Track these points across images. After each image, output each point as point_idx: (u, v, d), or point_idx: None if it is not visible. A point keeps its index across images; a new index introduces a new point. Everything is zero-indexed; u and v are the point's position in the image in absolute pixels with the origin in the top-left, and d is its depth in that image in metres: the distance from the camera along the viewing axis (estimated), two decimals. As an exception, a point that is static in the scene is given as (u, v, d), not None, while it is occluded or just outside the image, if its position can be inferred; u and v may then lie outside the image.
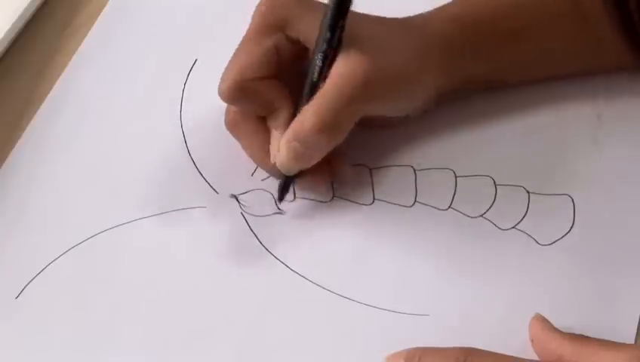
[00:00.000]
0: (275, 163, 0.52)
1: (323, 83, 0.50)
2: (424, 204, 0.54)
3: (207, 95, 0.56)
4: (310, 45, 0.51)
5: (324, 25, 0.50)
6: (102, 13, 0.66)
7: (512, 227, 0.52)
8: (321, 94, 0.50)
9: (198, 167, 0.56)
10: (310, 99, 0.50)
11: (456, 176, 0.54)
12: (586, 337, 0.44)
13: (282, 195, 0.53)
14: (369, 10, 0.52)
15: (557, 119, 0.56)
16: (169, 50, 0.63)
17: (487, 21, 0.54)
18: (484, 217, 0.53)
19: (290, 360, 0.48)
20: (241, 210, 0.54)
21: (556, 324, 0.46)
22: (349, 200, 0.54)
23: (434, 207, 0.53)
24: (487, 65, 0.55)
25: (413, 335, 0.48)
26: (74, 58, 0.63)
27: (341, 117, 0.50)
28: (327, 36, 0.50)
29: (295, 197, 0.54)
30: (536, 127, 0.56)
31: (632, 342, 0.47)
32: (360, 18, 0.51)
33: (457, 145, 0.56)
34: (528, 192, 0.53)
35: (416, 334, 0.48)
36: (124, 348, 0.49)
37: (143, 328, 0.50)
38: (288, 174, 0.52)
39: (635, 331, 0.48)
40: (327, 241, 0.52)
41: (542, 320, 0.46)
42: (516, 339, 0.47)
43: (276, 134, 0.52)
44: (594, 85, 0.57)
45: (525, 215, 0.52)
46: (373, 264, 0.51)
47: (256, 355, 0.48)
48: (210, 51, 0.62)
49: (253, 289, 0.51)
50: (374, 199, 0.54)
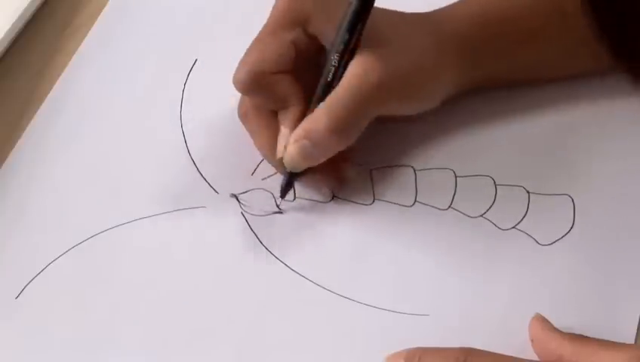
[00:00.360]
0: (280, 158, 0.52)
1: (337, 83, 0.50)
2: (424, 203, 0.54)
3: (207, 95, 0.56)
4: (327, 43, 0.51)
5: (343, 26, 0.50)
6: (102, 13, 0.66)
7: (512, 227, 0.52)
8: (335, 95, 0.50)
9: (198, 167, 0.56)
10: (323, 99, 0.50)
11: (456, 176, 0.54)
12: (586, 337, 0.44)
13: (285, 191, 0.53)
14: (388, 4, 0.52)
15: (557, 119, 0.56)
16: (169, 50, 0.63)
17: (510, 19, 0.54)
18: (484, 217, 0.53)
19: (290, 360, 0.48)
20: (241, 210, 0.54)
21: (556, 324, 0.46)
22: (349, 200, 0.54)
23: (434, 207, 0.53)
24: (508, 64, 0.55)
25: (413, 335, 0.48)
26: (74, 58, 0.63)
27: (354, 119, 0.50)
28: (346, 37, 0.50)
29: (295, 197, 0.54)
30: (536, 127, 0.56)
31: (632, 342, 0.47)
32: (378, 15, 0.51)
33: (457, 145, 0.56)
34: (528, 192, 0.53)
35: (416, 334, 0.48)
36: (124, 348, 0.49)
37: (143, 328, 0.50)
38: (294, 171, 0.52)
39: (635, 331, 0.48)
40: (327, 241, 0.52)
41: (542, 320, 0.46)
42: (516, 339, 0.47)
43: (284, 130, 0.52)
44: (594, 85, 0.57)
45: (525, 215, 0.52)
46: (373, 264, 0.51)
47: (257, 355, 0.48)
48: (210, 51, 0.62)
49: (254, 289, 0.51)
50: (374, 199, 0.54)
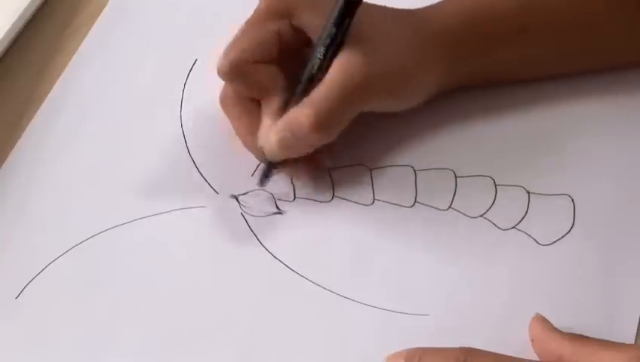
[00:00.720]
0: (260, 146, 0.52)
1: (321, 77, 0.50)
2: (424, 204, 0.53)
3: (207, 95, 0.56)
4: (313, 36, 0.51)
5: (331, 20, 0.50)
6: (102, 13, 0.66)
7: (512, 227, 0.52)
8: (319, 91, 0.50)
9: (198, 167, 0.56)
10: (306, 92, 0.50)
11: (456, 176, 0.54)
12: (586, 337, 0.44)
13: (264, 180, 0.53)
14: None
15: (557, 119, 0.56)
16: (169, 50, 0.63)
17: (498, 17, 0.53)
18: (484, 217, 0.53)
19: (290, 360, 0.48)
20: (241, 210, 0.54)
21: (556, 324, 0.46)
22: (349, 200, 0.54)
23: (434, 207, 0.53)
24: (493, 62, 0.55)
25: (413, 335, 0.48)
26: (74, 58, 0.63)
27: (336, 116, 0.50)
28: (332, 32, 0.50)
29: (295, 197, 0.54)
30: (536, 126, 0.56)
31: (632, 342, 0.47)
32: (365, 11, 0.51)
33: (457, 145, 0.56)
34: (528, 192, 0.53)
35: (416, 334, 0.48)
36: (124, 348, 0.49)
37: (143, 328, 0.50)
38: (273, 160, 0.52)
39: (635, 331, 0.48)
40: (327, 241, 0.52)
41: (542, 320, 0.46)
42: (516, 339, 0.47)
43: (266, 120, 0.52)
44: (594, 85, 0.57)
45: (525, 215, 0.52)
46: (373, 264, 0.51)
47: (257, 355, 0.48)
48: (210, 51, 0.62)
49: (253, 289, 0.51)
50: (374, 199, 0.54)
